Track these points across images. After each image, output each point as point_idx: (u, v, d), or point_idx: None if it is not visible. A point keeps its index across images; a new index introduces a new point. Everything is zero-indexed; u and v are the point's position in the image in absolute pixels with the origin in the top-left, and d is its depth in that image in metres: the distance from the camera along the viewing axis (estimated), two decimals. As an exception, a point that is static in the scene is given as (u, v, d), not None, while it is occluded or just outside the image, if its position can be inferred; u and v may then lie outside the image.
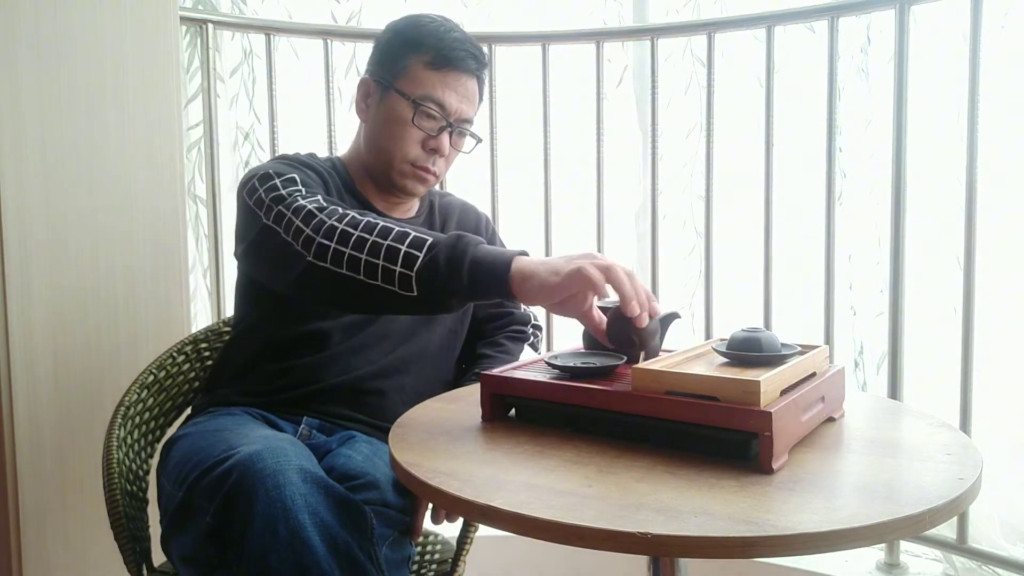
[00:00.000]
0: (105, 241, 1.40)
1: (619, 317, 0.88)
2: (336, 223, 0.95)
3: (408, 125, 1.16)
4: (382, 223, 0.94)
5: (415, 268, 0.90)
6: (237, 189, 1.13)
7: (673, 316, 0.99)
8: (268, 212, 1.03)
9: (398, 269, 0.90)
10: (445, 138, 1.19)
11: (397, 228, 0.93)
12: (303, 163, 1.17)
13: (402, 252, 0.91)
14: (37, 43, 1.28)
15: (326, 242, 0.94)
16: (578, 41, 1.86)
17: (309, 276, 0.95)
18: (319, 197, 1.03)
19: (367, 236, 0.93)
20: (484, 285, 0.89)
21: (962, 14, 1.45)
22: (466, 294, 0.90)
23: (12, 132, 1.25)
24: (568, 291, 0.86)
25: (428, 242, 0.91)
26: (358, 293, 0.93)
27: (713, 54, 1.69)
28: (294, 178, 1.07)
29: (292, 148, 1.59)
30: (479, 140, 1.26)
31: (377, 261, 0.91)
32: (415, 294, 0.90)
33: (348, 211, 0.98)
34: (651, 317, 0.89)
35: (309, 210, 0.98)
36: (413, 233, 0.92)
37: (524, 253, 0.91)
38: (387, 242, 0.92)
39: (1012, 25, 1.54)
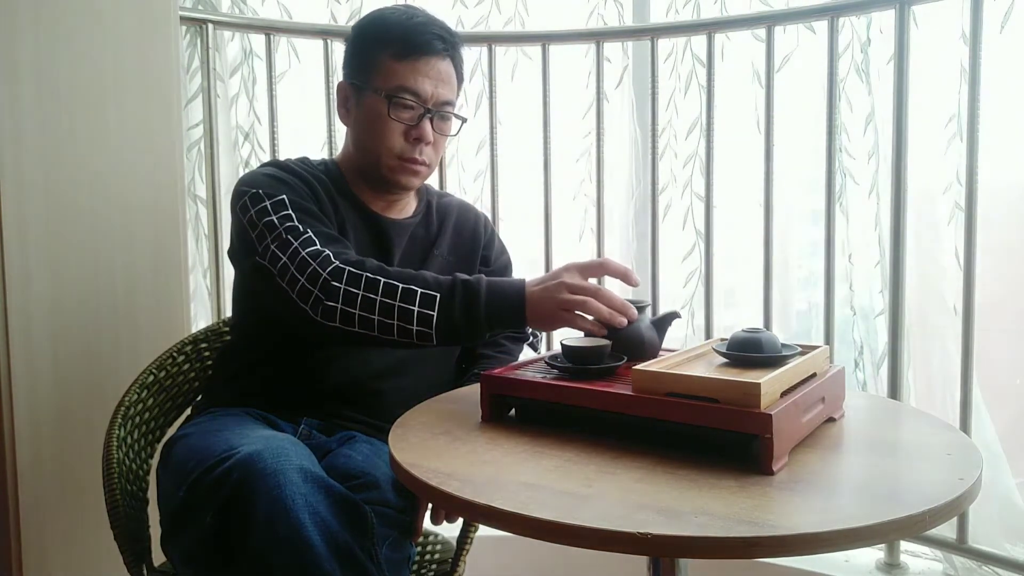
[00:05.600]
0: (105, 241, 1.40)
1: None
2: (336, 283, 1.00)
3: (385, 120, 1.16)
4: (383, 280, 0.99)
5: (433, 326, 0.98)
6: (231, 198, 1.15)
7: (673, 316, 1.04)
8: (260, 240, 1.06)
9: (415, 328, 0.98)
10: (426, 125, 1.18)
11: (401, 286, 0.99)
12: (294, 173, 1.17)
13: (415, 313, 0.98)
14: (37, 43, 1.28)
15: (332, 304, 0.99)
16: (578, 41, 1.86)
17: (318, 328, 1.01)
18: (311, 234, 1.06)
19: (373, 296, 0.99)
20: (502, 325, 1.00)
21: (962, 14, 1.45)
22: (485, 334, 1.01)
23: (12, 132, 1.25)
24: (561, 327, 1.00)
25: (438, 298, 0.98)
26: (371, 344, 1.02)
27: (713, 54, 1.69)
28: (283, 200, 1.09)
29: (292, 148, 1.59)
30: (464, 120, 1.25)
31: (392, 322, 0.99)
32: (435, 344, 1.00)
33: (341, 261, 1.02)
34: (630, 321, 0.98)
35: (303, 257, 1.02)
36: (419, 290, 0.99)
37: (521, 285, 1.01)
38: (397, 303, 0.98)
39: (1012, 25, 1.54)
